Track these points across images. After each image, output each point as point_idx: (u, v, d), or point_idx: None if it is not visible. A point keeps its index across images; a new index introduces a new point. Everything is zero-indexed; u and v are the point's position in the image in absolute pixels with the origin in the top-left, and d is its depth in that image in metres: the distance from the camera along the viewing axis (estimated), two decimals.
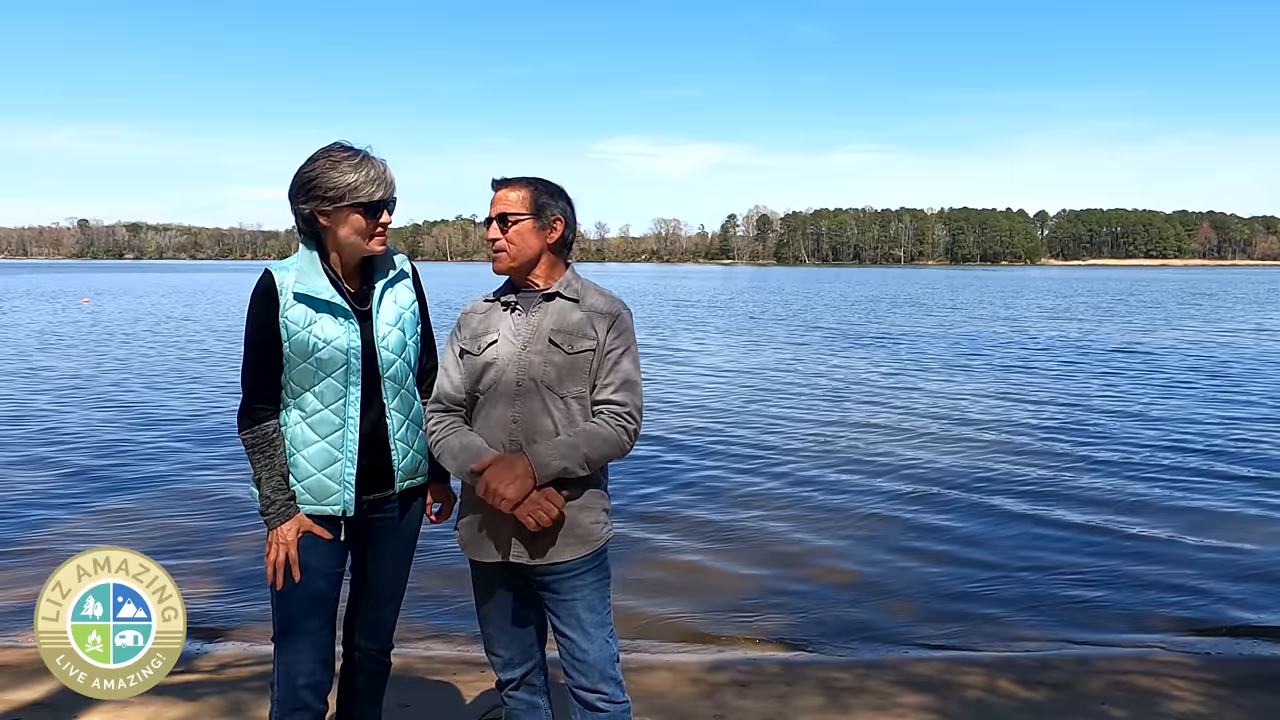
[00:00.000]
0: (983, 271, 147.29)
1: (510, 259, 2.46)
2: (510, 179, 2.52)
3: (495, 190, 2.50)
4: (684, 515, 7.18)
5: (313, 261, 2.49)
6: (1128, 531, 6.75)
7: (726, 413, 12.03)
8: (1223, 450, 9.54)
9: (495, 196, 2.49)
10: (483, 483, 2.29)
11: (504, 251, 2.45)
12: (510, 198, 2.46)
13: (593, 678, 2.44)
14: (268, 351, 2.43)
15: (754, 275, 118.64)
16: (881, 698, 3.93)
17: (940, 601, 5.47)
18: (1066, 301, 45.36)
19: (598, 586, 2.48)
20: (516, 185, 2.49)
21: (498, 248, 2.46)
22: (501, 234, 2.45)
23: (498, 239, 2.45)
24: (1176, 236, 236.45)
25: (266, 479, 2.43)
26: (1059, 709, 3.86)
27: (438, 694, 3.96)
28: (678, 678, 4.18)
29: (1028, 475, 8.46)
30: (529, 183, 2.50)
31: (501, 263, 2.47)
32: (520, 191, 2.47)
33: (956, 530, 6.81)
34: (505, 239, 2.45)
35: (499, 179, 2.52)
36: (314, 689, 2.51)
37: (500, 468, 2.30)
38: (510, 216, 2.45)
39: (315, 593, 2.48)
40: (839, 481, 8.27)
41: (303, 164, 2.46)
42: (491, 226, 2.46)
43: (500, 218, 2.45)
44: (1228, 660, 4.59)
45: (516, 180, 2.51)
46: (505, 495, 2.26)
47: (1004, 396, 13.50)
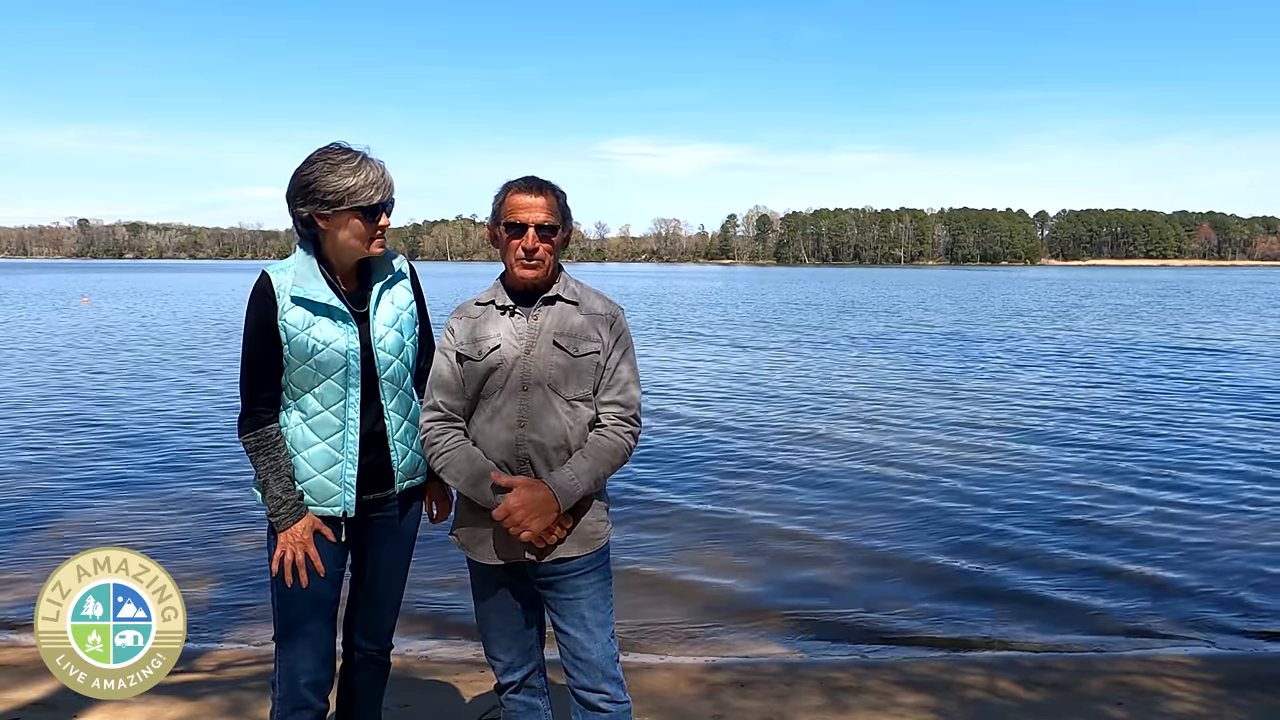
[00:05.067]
0: (983, 272, 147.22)
1: (546, 270, 2.40)
2: (543, 184, 2.43)
3: (525, 193, 2.40)
4: (684, 516, 7.18)
5: (310, 264, 2.48)
6: (1127, 532, 6.74)
7: (726, 414, 12.03)
8: (1224, 450, 9.54)
9: (528, 201, 2.38)
10: (504, 509, 2.28)
11: (542, 262, 2.38)
12: (548, 206, 2.39)
13: (595, 677, 2.44)
14: (267, 353, 2.43)
15: (754, 275, 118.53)
16: (881, 698, 3.93)
17: (940, 601, 5.47)
18: (1092, 301, 45.42)
19: (600, 586, 2.48)
20: (549, 193, 2.42)
21: (538, 257, 2.37)
22: (540, 244, 2.38)
23: (537, 248, 2.37)
24: (1176, 237, 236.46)
25: (274, 480, 2.43)
26: (1059, 709, 3.86)
27: (438, 694, 3.96)
28: (678, 678, 4.18)
29: (1027, 475, 8.46)
30: (555, 191, 2.44)
31: (537, 270, 2.39)
32: (553, 200, 2.41)
33: (956, 530, 6.80)
34: (543, 249, 2.38)
35: (531, 180, 2.44)
36: (315, 688, 2.52)
37: (526, 498, 2.28)
38: (556, 229, 2.40)
39: (317, 593, 2.48)
40: (839, 482, 8.27)
41: (300, 166, 2.44)
42: (529, 234, 2.37)
43: (543, 228, 2.38)
44: (1228, 660, 4.59)
45: (548, 187, 2.43)
46: (530, 528, 2.29)
47: (1004, 397, 13.50)
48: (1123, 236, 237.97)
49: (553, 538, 2.36)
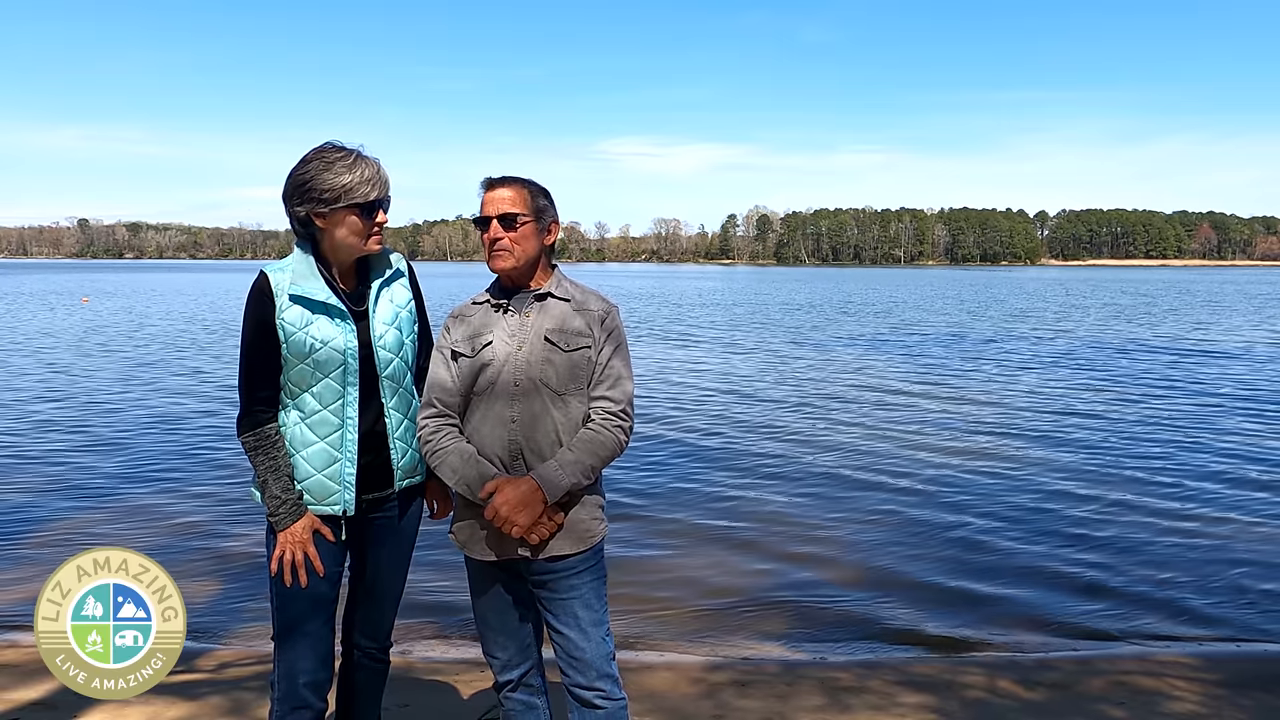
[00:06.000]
0: (983, 272, 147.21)
1: (515, 259, 2.43)
2: (507, 179, 2.49)
3: (490, 189, 2.47)
4: (684, 516, 7.17)
5: (308, 262, 2.48)
6: (1127, 532, 6.74)
7: (726, 414, 12.03)
8: (1224, 451, 9.54)
9: (492, 196, 2.46)
10: (491, 509, 2.30)
11: (508, 251, 2.43)
12: (511, 198, 2.45)
13: (590, 675, 2.44)
14: (266, 353, 2.43)
15: (754, 275, 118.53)
16: (881, 698, 3.93)
17: (940, 601, 5.46)
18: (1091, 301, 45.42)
19: (594, 585, 2.49)
20: (514, 185, 2.48)
21: (501, 247, 2.42)
22: (504, 233, 2.43)
23: (501, 238, 2.42)
24: (1176, 237, 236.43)
25: (273, 480, 2.43)
26: (1059, 709, 3.86)
27: (437, 694, 3.96)
28: (678, 677, 4.18)
29: (1027, 476, 8.46)
30: (525, 184, 2.49)
31: (505, 261, 2.43)
32: (519, 192, 2.46)
33: (956, 530, 6.80)
34: (509, 239, 2.43)
35: (494, 178, 2.50)
36: (314, 687, 2.52)
37: (511, 495, 2.30)
38: (518, 217, 2.43)
39: (316, 592, 2.48)
40: (839, 482, 8.27)
41: (295, 166, 2.45)
42: (493, 225, 2.43)
43: (504, 217, 2.43)
44: (1228, 660, 4.59)
45: (513, 180, 2.49)
46: (517, 523, 2.30)
47: (1005, 398, 13.50)
48: (1123, 236, 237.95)
49: (545, 531, 2.36)
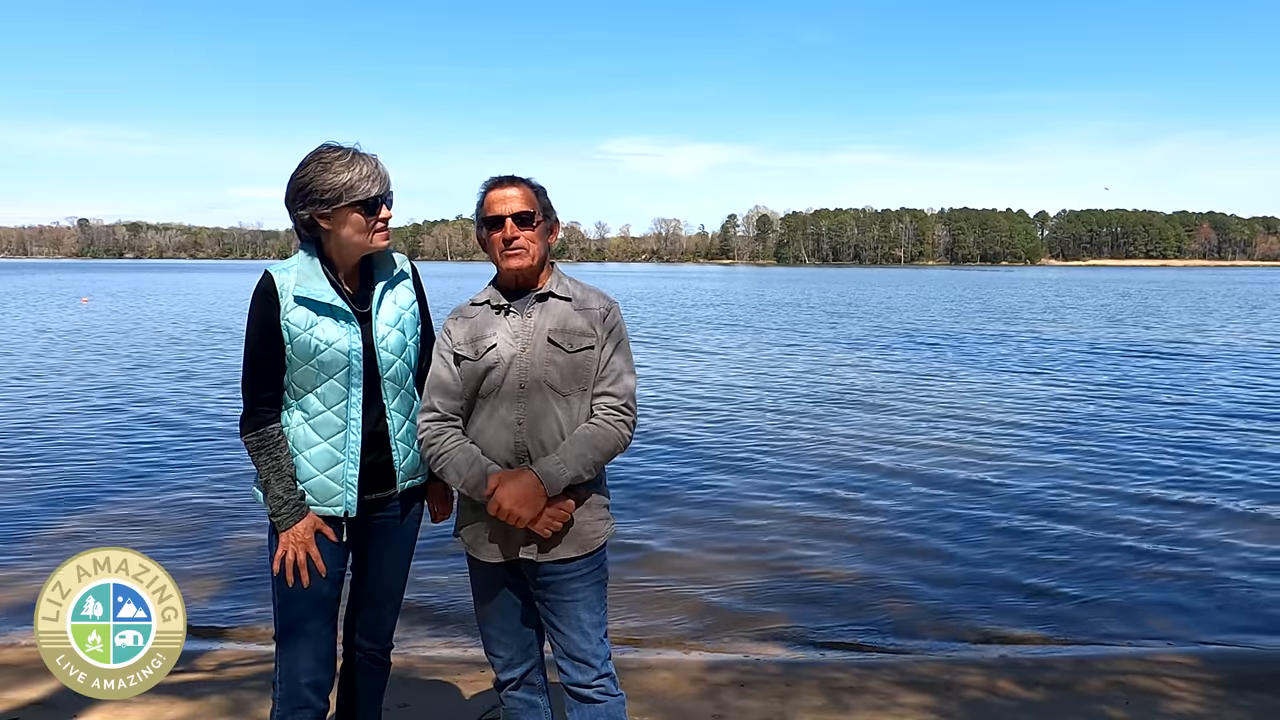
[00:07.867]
0: (983, 272, 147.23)
1: (531, 258, 2.43)
2: (513, 178, 2.49)
3: (497, 189, 2.46)
4: (684, 516, 7.18)
5: (313, 264, 2.48)
6: (1127, 532, 6.74)
7: (725, 416, 12.03)
8: (1224, 451, 9.54)
9: (501, 195, 2.44)
10: (494, 504, 2.30)
11: (525, 250, 2.42)
12: (521, 196, 2.44)
13: (589, 674, 2.46)
14: (270, 353, 2.43)
15: (755, 275, 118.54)
16: (881, 698, 3.93)
17: (940, 601, 5.47)
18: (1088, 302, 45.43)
19: (596, 587, 2.49)
20: (521, 185, 2.47)
21: (518, 245, 2.41)
22: (520, 231, 2.41)
23: (517, 236, 2.41)
24: (1176, 237, 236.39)
25: (276, 480, 2.43)
26: (1059, 709, 3.86)
27: (438, 694, 3.96)
28: (678, 678, 4.18)
29: (1028, 476, 8.46)
30: (530, 185, 2.49)
31: (522, 259, 2.42)
32: (526, 192, 2.46)
33: (956, 531, 6.81)
34: (525, 237, 2.41)
35: (500, 177, 2.49)
36: (316, 688, 2.52)
37: (512, 489, 2.29)
38: (532, 215, 2.43)
39: (318, 593, 2.48)
40: (839, 483, 8.27)
41: (294, 170, 2.46)
42: (508, 224, 2.41)
43: (519, 216, 2.42)
44: (1228, 660, 4.59)
45: (519, 180, 2.49)
46: (521, 516, 2.29)
47: (1005, 398, 13.50)
48: (1123, 237, 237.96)
49: (556, 524, 2.35)
